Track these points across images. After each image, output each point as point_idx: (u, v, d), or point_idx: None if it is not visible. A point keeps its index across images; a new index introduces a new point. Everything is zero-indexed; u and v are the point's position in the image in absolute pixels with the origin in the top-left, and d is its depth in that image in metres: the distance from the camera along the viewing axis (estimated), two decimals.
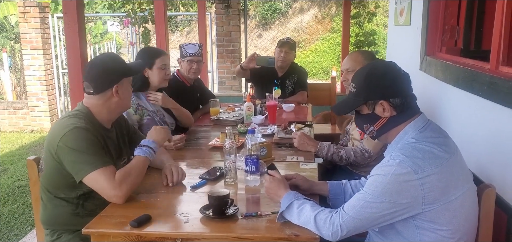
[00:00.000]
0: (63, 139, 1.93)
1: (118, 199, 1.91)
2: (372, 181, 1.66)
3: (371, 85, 1.75)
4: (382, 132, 1.78)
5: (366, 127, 1.81)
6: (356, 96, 1.78)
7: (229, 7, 7.61)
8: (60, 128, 1.98)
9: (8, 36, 11.09)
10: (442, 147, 1.66)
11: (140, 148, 2.10)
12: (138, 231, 1.71)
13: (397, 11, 4.08)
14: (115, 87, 2.09)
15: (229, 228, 1.74)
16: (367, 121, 1.79)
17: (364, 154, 2.63)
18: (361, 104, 1.77)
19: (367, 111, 1.77)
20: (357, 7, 7.03)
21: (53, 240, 2.10)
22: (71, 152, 1.92)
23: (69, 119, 2.01)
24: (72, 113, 2.08)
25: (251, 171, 2.12)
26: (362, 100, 1.76)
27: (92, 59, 2.26)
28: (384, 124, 1.75)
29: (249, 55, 4.37)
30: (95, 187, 1.93)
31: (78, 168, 1.92)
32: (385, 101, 1.72)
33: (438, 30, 3.07)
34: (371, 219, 1.64)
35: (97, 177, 1.90)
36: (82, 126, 1.97)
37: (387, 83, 1.73)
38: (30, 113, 8.24)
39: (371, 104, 1.75)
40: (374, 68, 1.81)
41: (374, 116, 1.76)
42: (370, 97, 1.74)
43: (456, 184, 1.63)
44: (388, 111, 1.73)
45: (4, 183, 5.36)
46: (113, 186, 1.90)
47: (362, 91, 1.76)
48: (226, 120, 3.47)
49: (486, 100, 2.09)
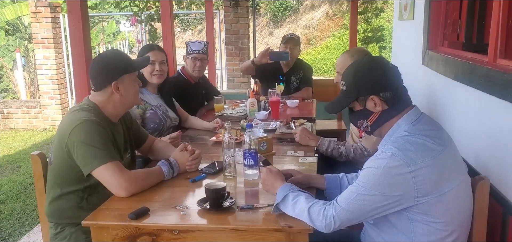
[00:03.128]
0: (73, 131, 1.98)
1: (125, 193, 1.96)
2: (364, 173, 1.67)
3: (360, 81, 1.77)
4: (376, 126, 1.79)
5: (360, 123, 1.84)
6: (347, 93, 1.81)
7: (237, 5, 7.64)
8: (71, 121, 2.02)
9: (22, 36, 11.27)
10: (435, 139, 1.67)
11: (166, 165, 2.16)
12: (136, 223, 1.75)
13: (401, 6, 4.07)
14: (115, 83, 2.12)
15: (226, 220, 1.77)
16: (360, 117, 1.82)
17: (363, 152, 2.64)
18: (352, 101, 1.80)
19: (360, 107, 1.79)
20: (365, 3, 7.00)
21: (57, 232, 2.15)
22: (81, 145, 1.97)
23: (80, 113, 2.06)
24: (81, 106, 2.12)
25: (249, 165, 2.15)
26: (353, 97, 1.79)
27: (96, 56, 2.30)
28: (377, 118, 1.77)
29: (263, 50, 4.28)
30: (102, 180, 1.98)
31: (87, 161, 1.97)
32: (375, 95, 1.74)
33: (440, 24, 3.06)
34: (363, 212, 1.66)
35: (105, 171, 1.96)
36: (92, 119, 2.02)
37: (375, 78, 1.75)
38: (42, 112, 8.38)
39: (362, 100, 1.77)
40: (362, 64, 1.83)
41: (367, 111, 1.78)
42: (361, 93, 1.77)
43: (450, 177, 1.64)
44: (380, 106, 1.75)
45: (17, 180, 5.46)
46: (122, 180, 1.95)
47: (352, 88, 1.79)
48: (230, 116, 3.50)
49: (483, 93, 2.09)
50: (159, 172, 2.14)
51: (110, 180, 1.96)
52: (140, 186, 2.01)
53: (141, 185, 2.02)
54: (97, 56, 2.26)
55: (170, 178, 2.17)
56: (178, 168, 2.22)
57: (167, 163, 2.18)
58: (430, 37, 3.11)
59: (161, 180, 2.13)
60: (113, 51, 2.43)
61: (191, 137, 3.08)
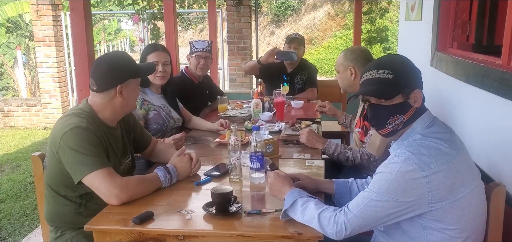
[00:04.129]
0: (63, 138, 1.92)
1: (116, 201, 1.88)
2: (377, 178, 1.62)
3: (410, 73, 1.71)
4: (409, 122, 1.70)
5: (393, 119, 1.70)
6: (395, 82, 1.68)
7: (240, 4, 7.60)
8: (61, 127, 1.96)
9: (23, 34, 11.24)
10: (449, 143, 1.62)
11: (162, 171, 2.07)
12: (140, 228, 1.70)
13: (408, 6, 4.02)
14: (119, 87, 2.05)
15: (232, 225, 1.72)
16: (396, 111, 1.69)
17: (369, 158, 2.58)
18: (401, 91, 1.68)
19: (400, 100, 1.68)
20: (369, 4, 6.96)
21: (57, 236, 2.10)
22: (70, 152, 1.91)
23: (71, 118, 1.99)
24: (75, 111, 2.06)
25: (256, 168, 2.10)
26: (402, 86, 1.68)
27: (100, 56, 2.23)
28: (413, 114, 1.69)
29: (269, 49, 4.21)
30: (93, 187, 1.92)
31: (76, 168, 1.91)
32: (420, 90, 1.70)
33: (450, 26, 3.01)
34: (375, 218, 1.60)
35: (94, 178, 1.89)
36: (82, 126, 1.95)
37: (418, 73, 1.72)
38: (43, 110, 8.34)
39: (408, 91, 1.68)
40: (404, 57, 1.78)
41: (406, 105, 1.68)
42: (411, 84, 1.69)
43: (463, 182, 1.60)
44: (419, 102, 1.69)
45: (17, 179, 5.42)
46: (112, 187, 1.87)
47: (402, 77, 1.69)
48: (234, 117, 3.46)
49: (497, 96, 2.04)
50: (154, 178, 2.04)
51: (100, 187, 1.89)
52: (132, 193, 1.92)
53: (134, 191, 1.93)
54: (103, 56, 2.18)
55: (168, 185, 2.08)
56: (176, 174, 2.12)
57: (164, 169, 2.08)
58: (439, 38, 3.06)
59: (157, 187, 2.03)
60: (120, 53, 2.37)
61: (194, 138, 3.03)
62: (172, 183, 2.10)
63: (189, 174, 2.20)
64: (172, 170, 2.11)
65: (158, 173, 2.06)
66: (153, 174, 2.06)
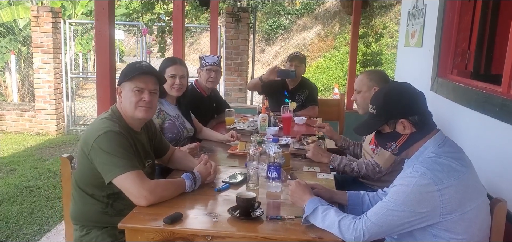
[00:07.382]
0: (97, 140, 2.04)
1: (145, 202, 1.98)
2: (395, 190, 1.77)
3: (391, 106, 1.88)
4: (404, 148, 1.90)
5: (388, 145, 1.93)
6: (377, 117, 1.92)
7: (239, 21, 7.77)
8: (95, 130, 2.09)
9: (16, 39, 11.21)
10: (460, 161, 1.78)
11: (190, 180, 2.18)
12: (171, 228, 1.80)
13: (408, 33, 4.20)
14: (118, 88, 2.25)
15: (256, 229, 1.84)
16: (389, 139, 1.92)
17: (375, 168, 2.72)
18: (382, 124, 1.90)
19: (389, 130, 1.90)
20: (365, 27, 7.20)
21: (82, 235, 2.19)
22: (103, 154, 2.03)
23: (105, 122, 2.13)
24: (108, 115, 2.20)
25: (273, 177, 2.23)
26: (383, 120, 1.89)
27: None
28: (406, 140, 1.88)
29: (270, 68, 4.46)
30: (123, 188, 2.03)
31: (107, 169, 2.03)
32: (404, 119, 1.85)
33: (450, 54, 3.19)
34: (391, 226, 1.75)
35: (125, 179, 2.01)
36: (115, 130, 2.09)
37: (405, 103, 1.87)
38: (36, 116, 8.33)
39: (392, 123, 1.88)
40: (392, 89, 1.96)
41: (396, 134, 1.88)
42: (391, 116, 1.88)
43: (472, 197, 1.75)
44: (408, 128, 1.86)
45: (13, 183, 5.43)
46: (142, 189, 1.99)
47: (383, 112, 1.90)
48: (242, 130, 3.58)
49: (498, 121, 2.20)
50: (181, 184, 2.16)
51: (130, 188, 2.01)
52: (160, 196, 2.03)
53: (161, 195, 2.04)
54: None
55: (190, 191, 2.19)
56: (200, 182, 2.25)
57: (192, 178, 2.19)
58: (440, 65, 3.23)
59: (181, 192, 2.15)
60: (135, 61, 2.52)
61: (207, 148, 3.14)
62: (194, 189, 2.22)
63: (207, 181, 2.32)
64: (198, 179, 2.23)
65: (186, 181, 2.17)
66: (180, 179, 2.18)
